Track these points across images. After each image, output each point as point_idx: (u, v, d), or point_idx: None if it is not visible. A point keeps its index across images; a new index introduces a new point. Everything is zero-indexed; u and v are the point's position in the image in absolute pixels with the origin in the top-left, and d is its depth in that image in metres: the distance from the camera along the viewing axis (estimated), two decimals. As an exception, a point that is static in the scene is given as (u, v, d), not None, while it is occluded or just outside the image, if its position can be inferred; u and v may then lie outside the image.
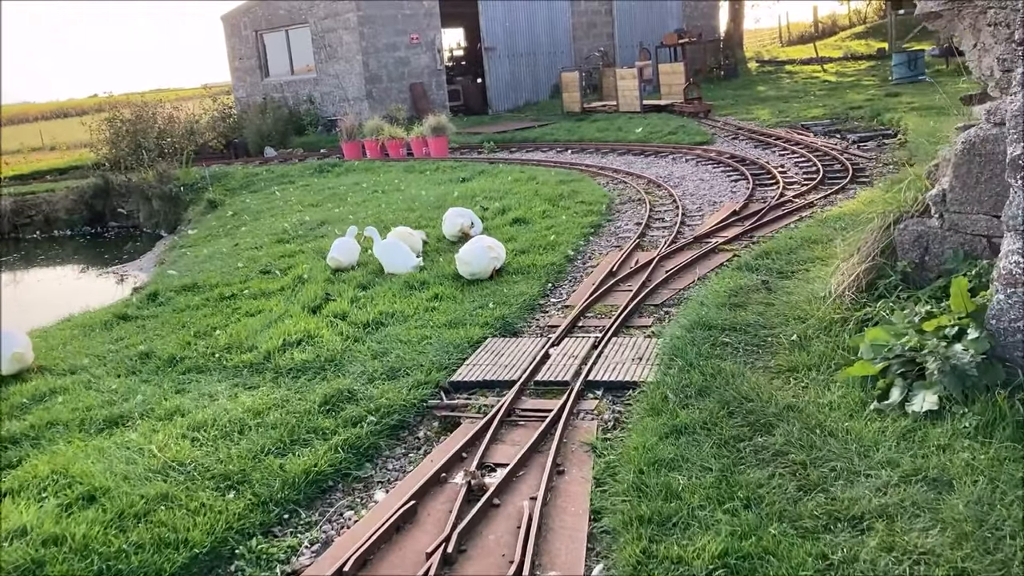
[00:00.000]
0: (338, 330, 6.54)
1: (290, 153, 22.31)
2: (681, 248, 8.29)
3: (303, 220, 12.12)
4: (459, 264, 7.71)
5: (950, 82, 22.20)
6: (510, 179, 13.37)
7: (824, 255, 6.92)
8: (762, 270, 6.82)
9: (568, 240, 8.85)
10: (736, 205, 10.03)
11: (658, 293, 6.96)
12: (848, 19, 52.34)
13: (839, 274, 5.66)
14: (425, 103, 25.31)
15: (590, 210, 10.33)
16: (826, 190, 10.73)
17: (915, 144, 12.34)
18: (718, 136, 17.19)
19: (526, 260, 8.13)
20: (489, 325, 6.38)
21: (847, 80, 26.96)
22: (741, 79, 30.88)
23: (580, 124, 21.27)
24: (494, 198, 11.63)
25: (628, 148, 16.85)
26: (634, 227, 9.59)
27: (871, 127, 16.27)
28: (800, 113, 19.12)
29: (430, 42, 26.13)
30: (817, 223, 8.06)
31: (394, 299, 7.27)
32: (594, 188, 12.00)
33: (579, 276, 7.86)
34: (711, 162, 14.05)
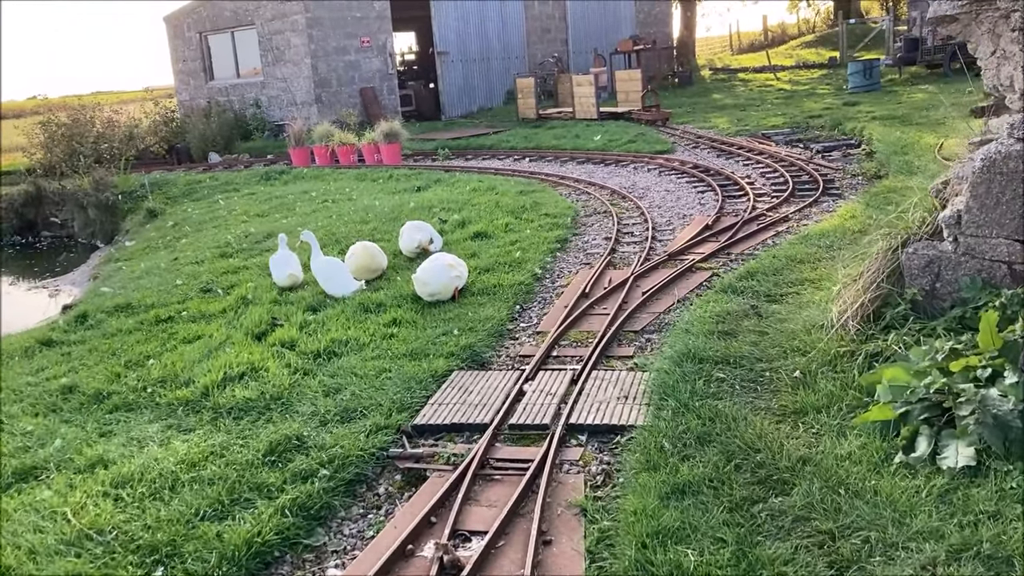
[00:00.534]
0: (285, 361, 5.88)
1: (235, 159, 21.44)
2: (656, 266, 7.77)
3: (248, 232, 11.39)
4: (417, 284, 7.09)
5: (905, 92, 22.20)
6: (468, 189, 12.77)
7: (814, 276, 6.44)
8: (748, 293, 6.32)
9: (535, 256, 8.28)
10: (707, 219, 9.56)
11: (637, 318, 6.42)
12: (797, 28, 52.80)
13: (840, 301, 5.17)
14: (376, 108, 24.60)
15: (555, 223, 9.78)
16: (798, 203, 10.31)
17: (884, 155, 12.03)
18: (678, 145, 16.79)
19: (491, 279, 7.54)
20: (455, 355, 5.77)
21: (802, 89, 26.86)
22: (696, 87, 30.70)
23: (536, 131, 20.76)
24: (453, 209, 11.02)
25: (588, 156, 16.37)
26: (603, 242, 9.05)
27: (833, 136, 15.99)
28: (759, 122, 18.83)
29: (381, 46, 25.43)
30: (799, 240, 7.60)
31: (347, 324, 6.63)
32: (557, 199, 11.46)
33: (549, 297, 7.29)
34: (675, 172, 13.61)
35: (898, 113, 17.01)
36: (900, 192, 9.12)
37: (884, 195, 9.04)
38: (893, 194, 9.06)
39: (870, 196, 9.10)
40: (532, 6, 29.55)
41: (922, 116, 16.03)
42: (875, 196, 9.05)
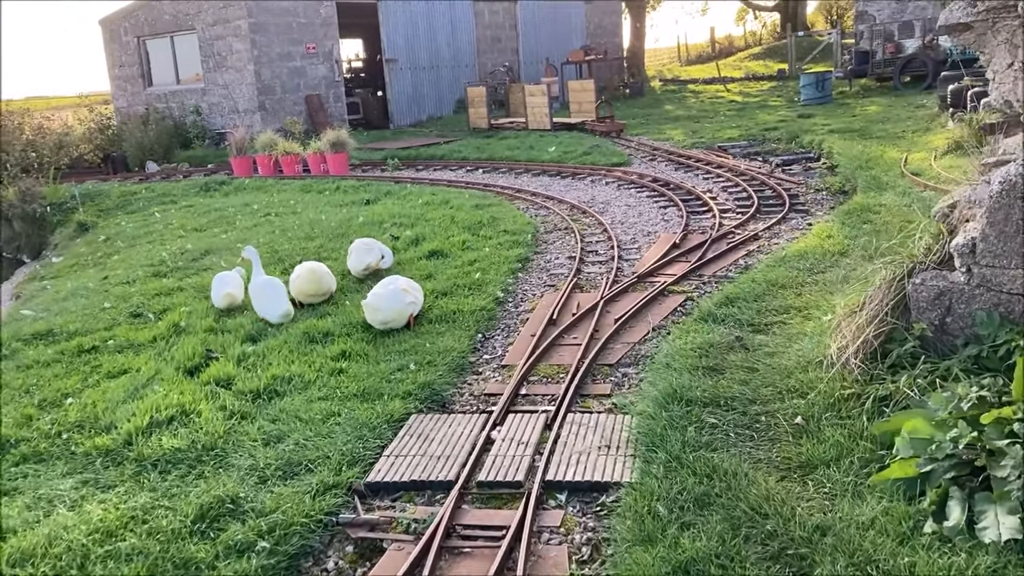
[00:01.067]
0: (220, 403, 5.22)
1: (174, 168, 20.53)
2: (625, 289, 7.26)
3: (184, 248, 10.64)
4: (368, 311, 6.48)
5: (858, 104, 22.16)
6: (421, 202, 12.17)
7: (800, 304, 5.99)
8: (730, 321, 5.84)
9: (495, 278, 7.72)
10: (674, 237, 9.10)
11: (610, 349, 5.89)
12: (744, 40, 53.11)
13: (840, 336, 4.70)
14: (322, 116, 23.87)
15: (515, 241, 9.23)
16: (765, 219, 9.92)
17: (848, 170, 11.72)
18: (635, 157, 16.39)
19: (449, 304, 6.96)
20: (412, 396, 5.17)
21: (754, 100, 26.78)
22: (647, 97, 30.50)
23: (489, 141, 20.24)
24: (405, 225, 10.42)
25: (543, 168, 15.87)
26: (567, 261, 8.53)
27: (791, 149, 15.73)
28: (715, 134, 18.55)
29: (327, 52, 24.71)
30: (776, 262, 7.16)
31: (291, 357, 5.99)
32: (515, 214, 10.92)
33: (514, 324, 6.73)
34: (634, 186, 13.17)
35: (855, 126, 16.84)
36: (874, 210, 8.78)
37: (858, 213, 8.67)
38: (867, 212, 8.71)
39: (843, 214, 8.73)
40: (482, 15, 29.08)
41: (880, 129, 15.85)
42: (849, 214, 8.67)
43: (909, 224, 8.15)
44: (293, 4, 23.58)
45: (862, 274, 6.35)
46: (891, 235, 7.63)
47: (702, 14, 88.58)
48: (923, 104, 19.31)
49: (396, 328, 6.48)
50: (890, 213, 8.53)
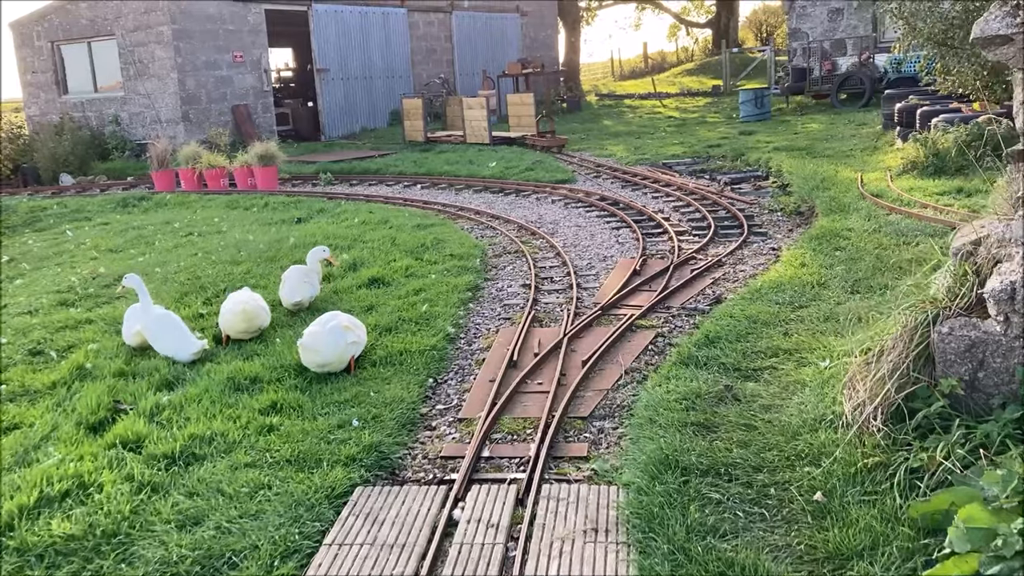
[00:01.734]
0: (126, 472, 4.38)
1: (91, 182, 19.32)
2: (588, 323, 6.60)
3: (97, 272, 9.65)
4: (304, 352, 5.70)
5: (798, 121, 22.03)
6: (358, 221, 11.37)
7: (790, 346, 5.40)
8: (714, 366, 5.22)
9: (445, 310, 6.99)
10: (633, 263, 8.50)
11: (581, 398, 5.22)
12: (676, 56, 53.40)
13: (855, 389, 4.10)
14: (250, 127, 22.85)
15: (463, 266, 8.51)
16: (725, 243, 9.40)
17: (803, 190, 11.30)
18: (579, 174, 15.84)
19: (395, 342, 6.21)
20: (356, 461, 4.41)
21: (692, 117, 26.58)
22: (585, 112, 30.14)
23: (426, 155, 19.50)
24: (341, 247, 9.61)
25: (484, 184, 15.20)
26: (521, 290, 7.85)
27: (738, 168, 15.35)
28: (658, 150, 18.13)
29: (256, 61, 23.71)
30: (752, 295, 6.57)
31: (213, 409, 5.17)
32: (461, 236, 10.20)
33: (468, 366, 6.01)
34: (582, 204, 12.58)
35: (799, 144, 16.56)
36: (842, 235, 8.31)
37: (827, 239, 8.18)
38: (836, 238, 8.23)
39: (811, 240, 8.23)
40: (417, 25, 28.35)
41: (827, 148, 15.58)
42: (818, 240, 8.18)
43: (883, 251, 7.72)
44: (220, 11, 22.54)
45: (850, 310, 5.81)
46: (868, 263, 7.15)
47: (635, 29, 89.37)
48: (865, 123, 19.20)
49: (335, 372, 5.71)
50: (860, 239, 8.06)
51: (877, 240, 7.93)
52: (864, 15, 29.57)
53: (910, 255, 7.23)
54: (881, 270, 6.89)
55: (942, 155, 11.12)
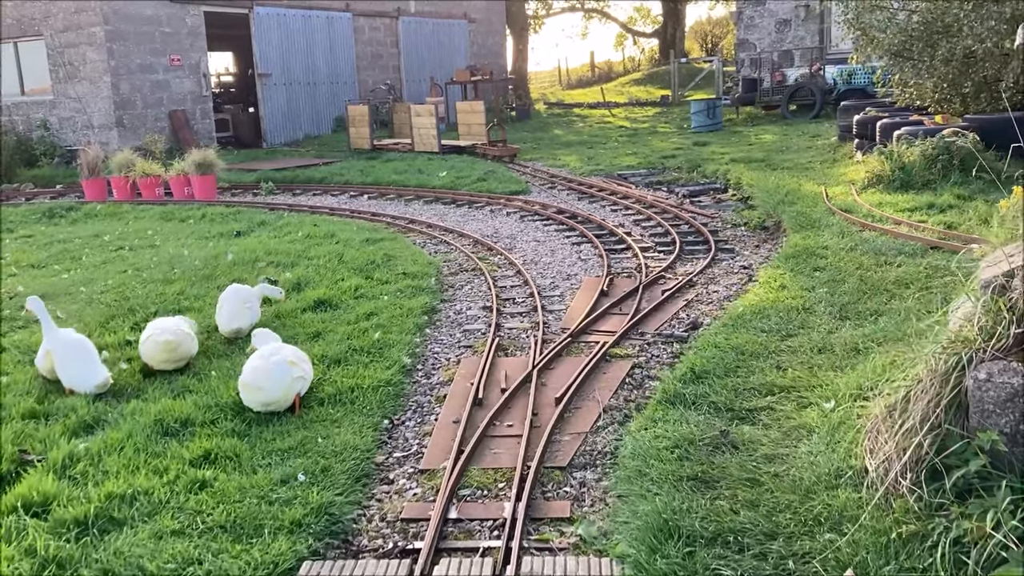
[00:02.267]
0: (27, 543, 3.69)
1: (16, 190, 18.24)
2: (558, 352, 6.05)
3: (14, 292, 8.82)
4: (246, 390, 5.05)
5: (750, 132, 21.83)
6: (301, 235, 10.68)
7: (786, 382, 4.89)
8: (704, 406, 4.70)
9: (399, 338, 6.37)
10: (599, 282, 7.98)
11: (558, 443, 4.65)
12: (623, 66, 53.38)
13: (879, 442, 3.60)
14: (188, 134, 21.94)
15: (417, 286, 7.90)
16: (693, 260, 8.95)
17: (768, 205, 10.92)
18: (533, 185, 15.33)
19: (345, 377, 5.57)
20: (303, 528, 3.77)
21: (643, 127, 26.30)
22: (534, 121, 29.71)
23: (373, 164, 18.83)
24: (284, 264, 8.94)
25: (435, 195, 14.60)
26: (482, 313, 7.27)
27: (695, 179, 14.99)
28: (612, 161, 17.72)
29: (194, 65, 22.79)
30: (734, 322, 6.08)
31: (136, 460, 4.49)
32: (413, 251, 9.58)
33: (428, 403, 5.41)
34: (539, 217, 12.05)
35: (756, 155, 16.27)
36: (818, 254, 7.90)
37: (803, 258, 7.76)
38: (813, 257, 7.81)
39: (787, 259, 7.80)
40: (363, 30, 27.63)
41: (785, 160, 15.29)
42: (794, 259, 7.75)
43: (865, 272, 7.32)
44: (156, 12, 21.60)
45: (844, 340, 5.35)
46: (851, 285, 6.72)
47: (582, 38, 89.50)
48: (819, 134, 19.03)
49: (279, 410, 5.07)
50: (838, 258, 7.65)
51: (855, 259, 7.52)
52: (811, 27, 29.66)
53: (894, 276, 6.83)
54: (866, 293, 6.47)
55: (908, 169, 10.83)
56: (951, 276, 6.72)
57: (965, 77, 13.18)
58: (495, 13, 33.89)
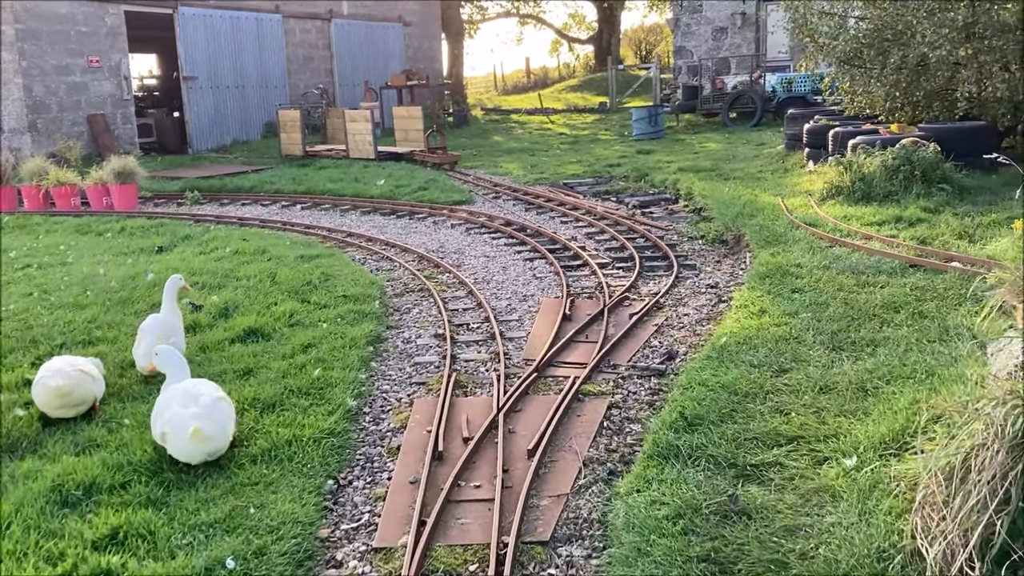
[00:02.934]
0: None
1: (-85, 199, 16.85)
2: (524, 390, 5.37)
3: (-100, 318, 7.82)
4: (196, 442, 4.29)
5: (693, 140, 21.49)
6: (230, 251, 9.82)
7: (792, 431, 4.29)
8: (702, 460, 4.07)
9: (342, 375, 5.62)
10: (560, 304, 7.35)
11: (537, 509, 3.98)
12: (559, 72, 53.06)
13: (935, 519, 3.01)
14: (109, 139, 20.75)
15: (360, 311, 7.15)
16: (656, 279, 8.38)
17: (725, 217, 10.42)
18: (476, 194, 14.66)
19: (281, 427, 4.81)
20: (234, 638, 3.05)
21: (583, 134, 25.84)
22: (472, 127, 29.04)
23: (306, 171, 17.95)
24: (210, 285, 8.10)
25: (373, 205, 13.82)
26: (434, 342, 6.56)
27: (643, 189, 14.50)
28: (556, 169, 17.16)
29: (114, 67, 21.60)
30: (719, 356, 5.47)
31: (25, 543, 3.67)
32: (353, 269, 8.82)
33: (379, 457, 4.68)
34: (486, 230, 11.38)
35: (703, 164, 15.86)
36: (793, 273, 7.38)
37: (778, 277, 7.23)
38: (788, 276, 7.28)
39: (760, 278, 7.26)
40: (293, 32, 26.64)
41: (734, 169, 14.89)
42: (768, 279, 7.21)
43: (848, 294, 6.82)
44: (71, 10, 20.38)
45: (847, 378, 4.79)
46: (836, 310, 6.20)
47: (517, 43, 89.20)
48: (764, 143, 18.75)
49: (195, 462, 4.30)
50: (814, 277, 7.13)
51: (833, 279, 7.02)
52: (748, 35, 29.63)
53: (880, 299, 6.33)
54: (855, 319, 5.94)
55: (868, 180, 10.45)
56: (940, 299, 6.26)
57: (917, 86, 12.93)
58: (430, 17, 33.16)
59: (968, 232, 8.20)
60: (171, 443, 4.33)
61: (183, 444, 4.28)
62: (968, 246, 7.72)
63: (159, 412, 4.46)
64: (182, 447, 4.30)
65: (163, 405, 4.47)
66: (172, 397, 4.50)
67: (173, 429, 4.31)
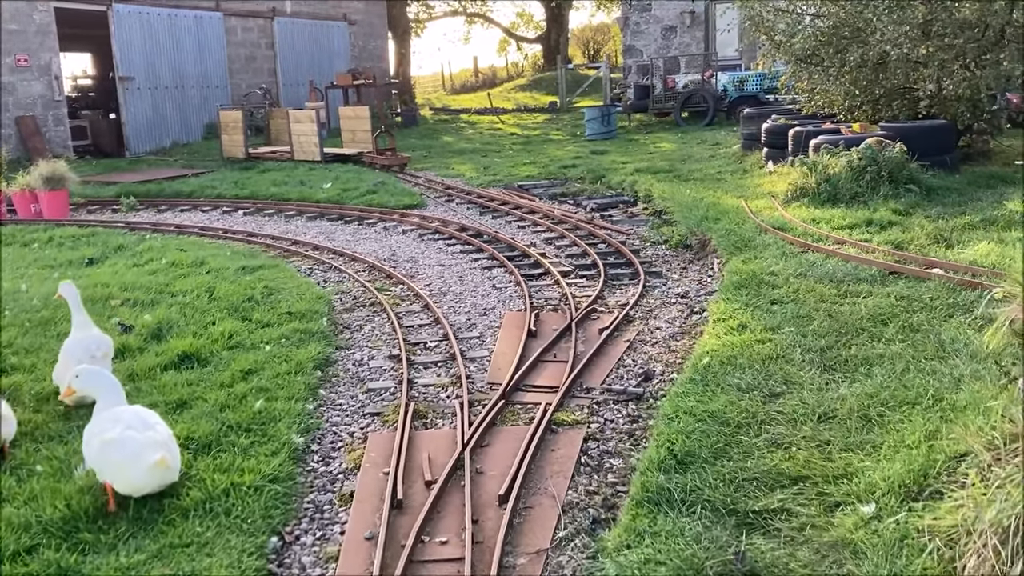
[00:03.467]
0: None
1: None
2: (491, 420, 4.86)
3: None
4: (153, 473, 3.78)
5: (647, 140, 21.16)
6: (165, 263, 9.16)
7: (795, 469, 3.83)
8: (697, 507, 3.61)
9: (287, 407, 5.05)
10: (523, 317, 6.86)
11: (513, 571, 3.47)
12: (507, 71, 52.60)
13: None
14: (39, 142, 19.79)
15: (305, 330, 6.57)
16: (623, 288, 7.94)
17: (689, 221, 10.03)
18: (428, 198, 14.11)
19: (218, 472, 4.23)
20: None
21: (535, 134, 25.40)
22: (421, 127, 28.45)
23: (248, 174, 17.22)
24: (143, 303, 7.45)
25: (320, 210, 13.20)
26: (388, 364, 6.01)
27: (600, 191, 14.08)
28: (509, 171, 16.68)
29: (45, 66, 20.60)
30: (702, 377, 5.01)
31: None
32: (299, 282, 8.22)
33: (329, 504, 4.13)
34: (440, 236, 10.84)
35: (659, 165, 15.52)
36: (769, 281, 7.00)
37: (754, 287, 6.82)
38: (764, 285, 6.88)
39: (736, 289, 6.84)
40: (234, 30, 25.78)
41: (692, 170, 14.56)
42: (743, 289, 6.80)
43: (830, 305, 6.44)
44: (-4, 5, 19.35)
45: (847, 404, 4.37)
46: (820, 324, 5.80)
47: (464, 43, 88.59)
48: (718, 142, 18.50)
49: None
50: (791, 287, 6.75)
51: (812, 289, 6.64)
52: (696, 34, 29.48)
53: (865, 311, 5.95)
54: (843, 334, 5.55)
55: (834, 181, 10.14)
56: (929, 310, 5.90)
57: (876, 84, 12.70)
58: (376, 16, 32.45)
59: (944, 236, 7.90)
60: (120, 471, 3.82)
61: (138, 473, 3.81)
62: (946, 251, 7.41)
63: (97, 434, 3.92)
64: (136, 477, 3.82)
65: (103, 427, 3.93)
66: (118, 419, 3.97)
67: (124, 455, 3.82)
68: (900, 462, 3.59)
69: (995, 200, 9.22)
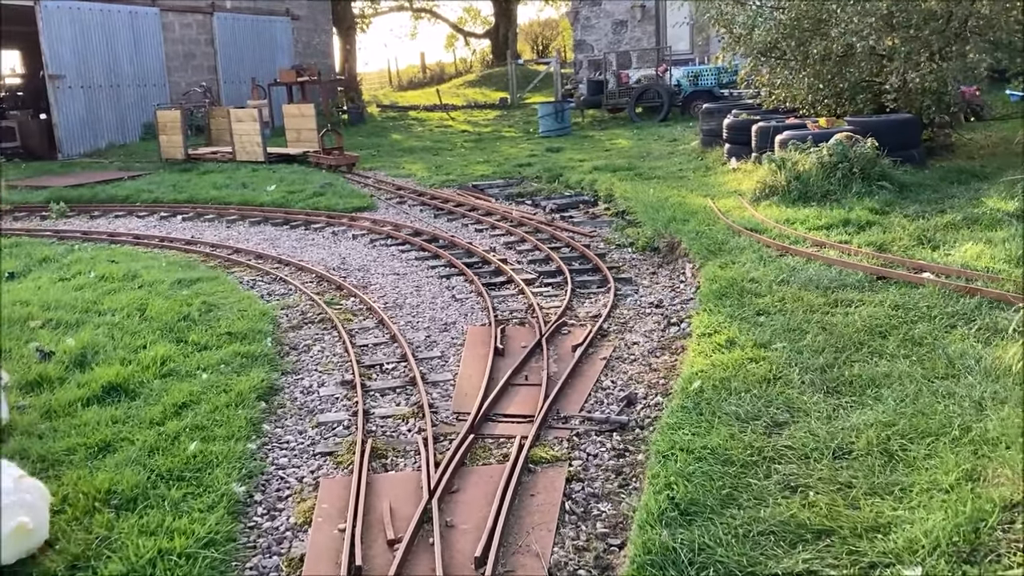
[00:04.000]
0: None
1: None
2: (461, 459, 4.29)
3: None
4: (13, 540, 3.13)
5: (602, 137, 20.72)
6: (95, 276, 8.41)
7: (818, 522, 3.31)
8: (709, 569, 3.08)
9: (226, 448, 4.42)
10: (488, 333, 6.30)
11: (497, 657, 2.93)
12: (455, 67, 51.90)
13: None
14: (-39, 145, 18.63)
15: (248, 352, 5.93)
16: (592, 297, 7.42)
17: (656, 222, 9.55)
18: (379, 199, 13.47)
19: (143, 536, 3.58)
20: None
21: (486, 131, 24.82)
22: (369, 125, 27.71)
23: (188, 177, 16.39)
24: (67, 324, 6.73)
25: (264, 214, 12.48)
26: (340, 392, 5.40)
27: (558, 191, 13.57)
28: (463, 170, 16.09)
29: (-32, 63, 19.42)
30: (694, 405, 4.48)
31: None
32: (240, 296, 7.55)
33: (274, 572, 3.51)
34: (393, 241, 10.22)
35: (618, 163, 15.04)
36: (750, 289, 6.52)
37: (735, 295, 6.34)
38: (746, 293, 6.40)
39: (717, 297, 6.35)
40: (172, 26, 24.76)
41: (652, 168, 14.11)
42: (725, 298, 6.32)
43: (822, 316, 5.99)
44: (-87, -1, 18.21)
45: (861, 435, 3.88)
46: (814, 338, 5.32)
47: (411, 38, 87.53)
48: (676, 139, 18.10)
49: None
50: (775, 295, 6.28)
51: (799, 297, 6.17)
52: (648, 28, 29.14)
53: (860, 322, 5.49)
54: (841, 350, 5.08)
55: (804, 179, 9.73)
56: (928, 320, 5.46)
57: (841, 77, 12.36)
58: (320, 11, 31.58)
59: (927, 236, 7.51)
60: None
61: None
62: (932, 253, 7.01)
63: None
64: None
65: None
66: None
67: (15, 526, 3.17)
68: (942, 512, 3.10)
69: (972, 197, 8.88)
